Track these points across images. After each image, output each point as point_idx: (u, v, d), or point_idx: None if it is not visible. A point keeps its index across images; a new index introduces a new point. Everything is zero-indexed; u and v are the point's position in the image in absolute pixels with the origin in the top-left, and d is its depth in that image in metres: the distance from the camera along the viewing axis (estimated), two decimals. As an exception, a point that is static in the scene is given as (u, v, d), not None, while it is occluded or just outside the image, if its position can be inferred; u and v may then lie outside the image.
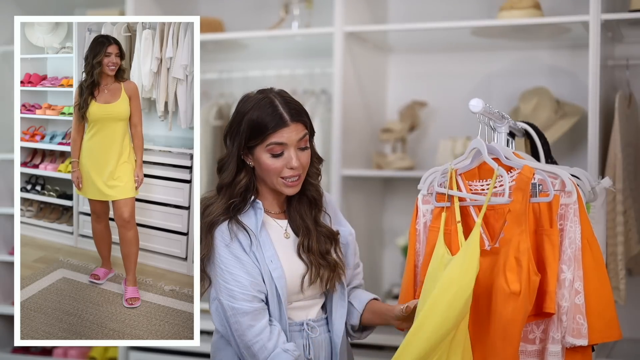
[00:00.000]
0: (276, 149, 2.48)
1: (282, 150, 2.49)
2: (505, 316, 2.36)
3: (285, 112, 2.48)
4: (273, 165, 2.49)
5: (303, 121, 2.52)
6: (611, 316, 2.48)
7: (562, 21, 3.75)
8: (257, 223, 2.53)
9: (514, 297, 2.34)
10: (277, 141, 2.47)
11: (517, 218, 2.41)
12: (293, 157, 2.49)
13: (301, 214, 2.62)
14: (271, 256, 2.52)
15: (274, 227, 2.60)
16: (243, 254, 2.50)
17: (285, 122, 2.47)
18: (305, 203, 2.63)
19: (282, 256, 2.55)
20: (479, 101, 2.50)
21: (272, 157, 2.49)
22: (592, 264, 2.46)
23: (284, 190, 2.55)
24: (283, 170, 2.50)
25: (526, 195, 2.42)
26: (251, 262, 2.50)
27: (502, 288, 2.37)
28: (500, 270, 2.38)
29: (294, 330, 2.57)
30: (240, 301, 2.46)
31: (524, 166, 2.47)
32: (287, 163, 2.49)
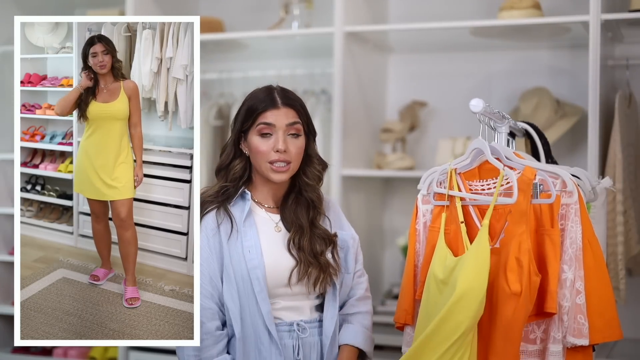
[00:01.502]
0: (264, 129, 2.56)
1: (271, 132, 2.55)
2: (506, 316, 2.36)
3: (277, 96, 2.58)
4: (261, 146, 2.55)
5: (295, 108, 2.59)
6: (612, 316, 2.48)
7: (562, 21, 3.75)
8: (242, 213, 2.57)
9: (515, 298, 2.34)
10: (265, 121, 2.55)
11: (518, 218, 2.41)
12: (280, 140, 2.54)
13: (296, 212, 2.64)
14: (250, 246, 2.55)
15: (265, 220, 2.63)
16: (219, 248, 2.56)
17: (275, 103, 2.56)
18: (302, 204, 2.65)
19: (267, 248, 2.57)
20: (480, 101, 2.50)
21: (260, 137, 2.56)
22: (593, 264, 2.46)
23: (270, 176, 2.58)
24: (270, 154, 2.55)
25: (527, 196, 2.42)
26: (218, 262, 2.55)
27: (502, 288, 2.37)
28: (501, 271, 2.39)
29: (283, 330, 2.58)
30: (202, 297, 2.53)
31: (526, 167, 2.47)
32: (274, 145, 2.54)
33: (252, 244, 2.55)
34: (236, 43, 4.56)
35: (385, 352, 3.95)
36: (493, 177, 2.59)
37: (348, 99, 4.12)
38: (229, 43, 4.55)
